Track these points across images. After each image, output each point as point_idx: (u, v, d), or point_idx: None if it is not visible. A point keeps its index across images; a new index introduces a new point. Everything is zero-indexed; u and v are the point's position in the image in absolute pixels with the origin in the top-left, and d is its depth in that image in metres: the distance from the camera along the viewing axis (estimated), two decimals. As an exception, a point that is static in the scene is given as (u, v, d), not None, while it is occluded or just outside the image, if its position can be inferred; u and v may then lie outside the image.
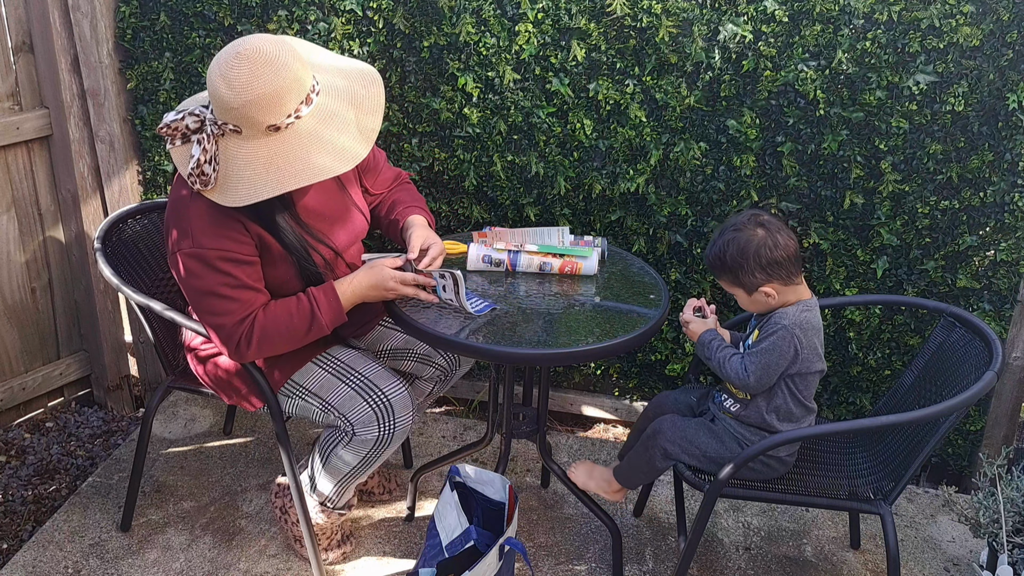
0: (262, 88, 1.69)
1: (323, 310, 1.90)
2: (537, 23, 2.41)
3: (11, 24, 2.50)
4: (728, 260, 1.89)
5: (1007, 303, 2.45)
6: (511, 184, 2.60)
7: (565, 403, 2.92)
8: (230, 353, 1.90)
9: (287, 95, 1.73)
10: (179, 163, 1.82)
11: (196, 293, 1.85)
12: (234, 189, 1.76)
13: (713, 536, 2.46)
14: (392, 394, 2.00)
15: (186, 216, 1.83)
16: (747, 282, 1.89)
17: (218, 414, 2.90)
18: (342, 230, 2.06)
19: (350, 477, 2.07)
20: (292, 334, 1.90)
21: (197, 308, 1.88)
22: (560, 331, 1.92)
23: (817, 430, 1.90)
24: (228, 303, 1.84)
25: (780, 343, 1.87)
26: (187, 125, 1.79)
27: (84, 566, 2.26)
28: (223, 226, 1.82)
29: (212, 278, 1.82)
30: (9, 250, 2.66)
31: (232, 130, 1.75)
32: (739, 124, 2.41)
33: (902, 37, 2.25)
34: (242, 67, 1.69)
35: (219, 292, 1.83)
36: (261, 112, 1.72)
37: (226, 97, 1.71)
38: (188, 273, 1.83)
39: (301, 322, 1.89)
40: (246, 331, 1.86)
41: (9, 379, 2.76)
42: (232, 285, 1.84)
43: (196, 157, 1.75)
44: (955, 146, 2.32)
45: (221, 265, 1.82)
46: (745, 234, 1.88)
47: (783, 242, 1.87)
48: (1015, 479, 2.17)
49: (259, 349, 1.89)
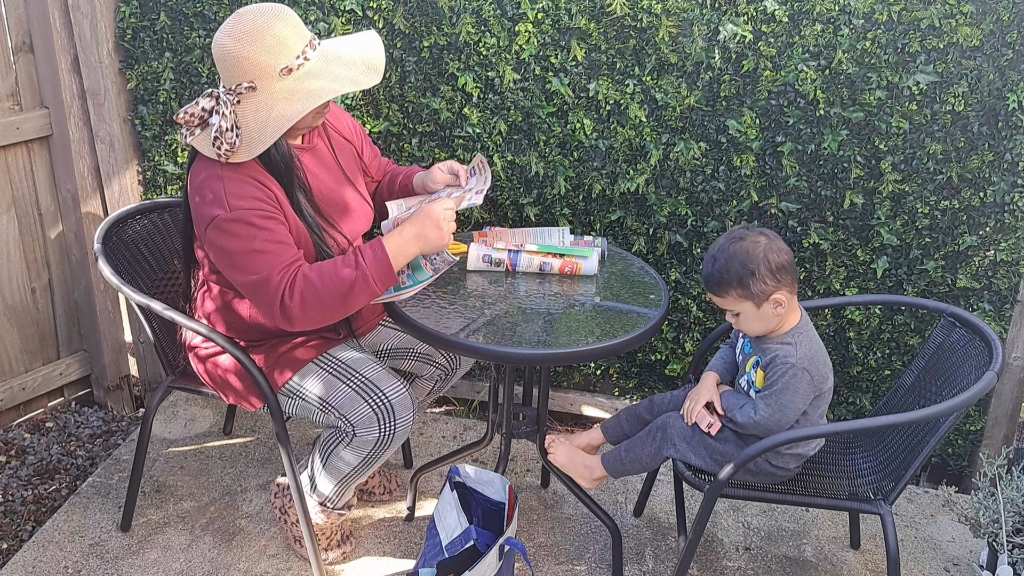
0: (265, 31, 1.78)
1: (368, 260, 1.84)
2: (537, 23, 2.41)
3: (11, 24, 2.50)
4: (737, 268, 1.84)
5: (1007, 303, 2.45)
6: (511, 184, 2.60)
7: (565, 403, 2.92)
8: (276, 316, 1.85)
9: (292, 38, 1.81)
10: (204, 147, 1.85)
11: (238, 256, 1.83)
12: (260, 135, 1.81)
13: (713, 536, 2.46)
14: (393, 395, 2.00)
15: (213, 189, 1.84)
16: (758, 291, 1.84)
17: (218, 414, 2.90)
18: (351, 220, 2.08)
19: (350, 477, 2.07)
20: (337, 288, 1.82)
21: (237, 272, 1.85)
22: (560, 331, 1.92)
23: (817, 430, 1.89)
24: (269, 257, 1.83)
25: (794, 382, 1.86)
26: (202, 107, 1.84)
27: (84, 566, 2.26)
28: (255, 190, 1.85)
29: (253, 235, 1.83)
30: (9, 250, 2.66)
31: (248, 88, 1.80)
32: (739, 124, 2.41)
33: (902, 37, 2.25)
34: (244, 19, 1.79)
35: (259, 248, 1.83)
36: (272, 55, 1.79)
37: (234, 49, 1.77)
38: (230, 238, 1.83)
39: (347, 274, 1.83)
40: (288, 282, 1.82)
41: (9, 379, 2.76)
42: (271, 240, 1.84)
43: (217, 124, 1.80)
44: (955, 146, 2.32)
45: (259, 221, 1.83)
46: (747, 242, 1.85)
47: (784, 247, 1.87)
48: (1015, 479, 2.17)
49: (303, 306, 1.82)
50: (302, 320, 1.85)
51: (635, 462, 2.07)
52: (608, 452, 2.13)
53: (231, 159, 1.82)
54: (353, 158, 2.17)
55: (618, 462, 2.10)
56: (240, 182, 1.85)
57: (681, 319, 2.69)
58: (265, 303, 1.85)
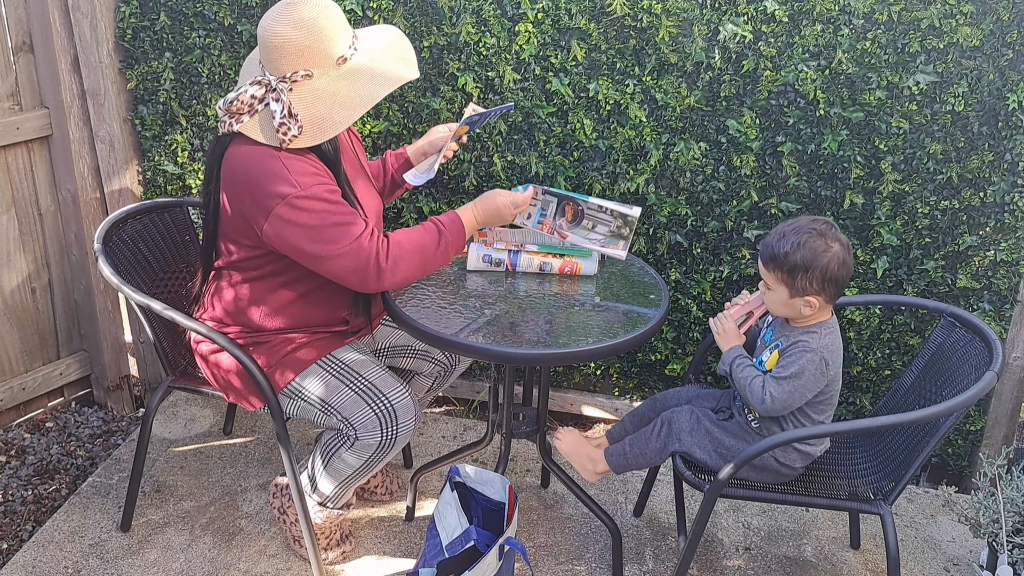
0: (324, 21, 1.83)
1: (449, 228, 1.97)
2: (537, 23, 2.41)
3: (11, 24, 2.50)
4: (796, 258, 1.84)
5: (1007, 303, 2.45)
6: (511, 184, 2.60)
7: (565, 403, 2.92)
8: (370, 279, 1.89)
9: (343, 26, 1.88)
10: (257, 133, 1.87)
11: (321, 230, 1.85)
12: (329, 121, 1.85)
13: (713, 536, 2.46)
14: (396, 399, 2.00)
15: (274, 169, 1.85)
16: (799, 285, 1.86)
17: (218, 414, 2.90)
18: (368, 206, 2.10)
19: (351, 479, 2.07)
20: (422, 250, 1.94)
21: (325, 243, 1.86)
22: (560, 331, 1.92)
23: (817, 430, 1.89)
24: (350, 227, 1.87)
25: (809, 367, 1.86)
26: (252, 95, 1.86)
27: (84, 566, 2.26)
28: (311, 169, 1.88)
29: (329, 209, 1.85)
30: (9, 250, 2.66)
31: (304, 76, 1.84)
32: (739, 124, 2.41)
33: (902, 37, 2.25)
34: (302, 9, 1.82)
35: (338, 220, 1.86)
36: (331, 43, 1.84)
37: (296, 38, 1.81)
38: (306, 214, 1.84)
39: (430, 240, 1.95)
40: (378, 249, 1.88)
41: (9, 379, 2.76)
42: (348, 212, 1.89)
43: (280, 111, 1.83)
44: (955, 146, 2.32)
45: (331, 197, 1.87)
46: (823, 242, 1.85)
47: (850, 264, 1.87)
48: (1015, 479, 2.17)
49: (395, 267, 1.89)
50: (391, 282, 1.92)
51: (639, 457, 2.06)
52: (612, 447, 2.12)
53: (294, 144, 1.85)
54: (362, 152, 2.22)
55: (622, 456, 2.09)
56: (300, 161, 1.87)
57: (681, 319, 2.69)
58: (355, 270, 1.88)
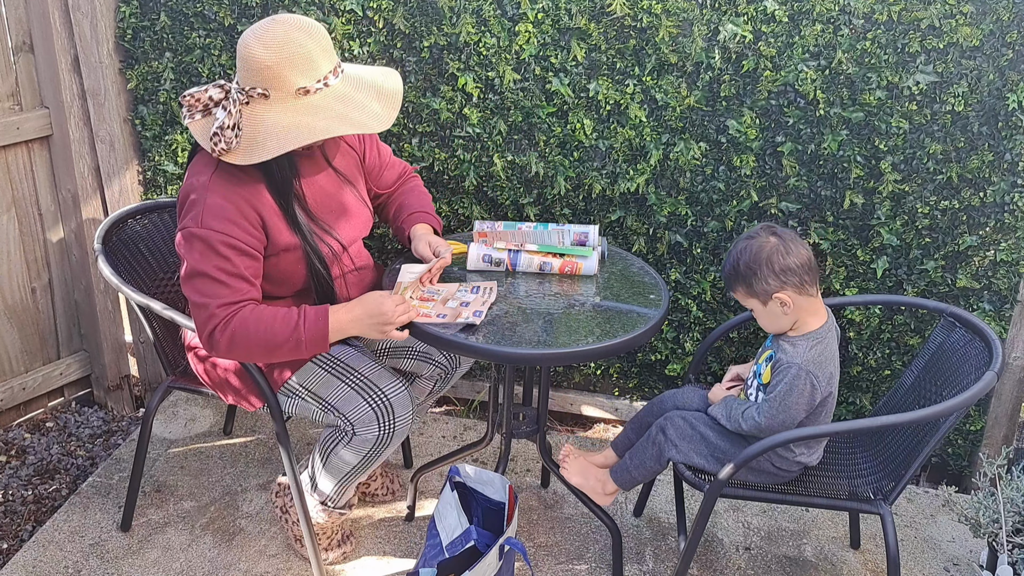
0: (296, 47, 1.76)
1: (307, 325, 1.85)
2: (537, 23, 2.41)
3: (11, 24, 2.50)
4: (742, 267, 1.90)
5: (1007, 303, 2.45)
6: (511, 184, 2.60)
7: (565, 403, 2.92)
8: (202, 340, 1.86)
9: (319, 59, 1.79)
10: (199, 135, 1.84)
11: (191, 271, 1.84)
12: (261, 146, 1.78)
13: (713, 536, 2.46)
14: (392, 393, 2.00)
15: (201, 198, 1.83)
16: (760, 289, 1.89)
17: (218, 414, 2.90)
18: (347, 224, 2.07)
19: (351, 476, 2.07)
20: (268, 339, 1.84)
21: (188, 286, 1.86)
22: (560, 331, 1.92)
23: (817, 430, 1.89)
24: (218, 287, 1.83)
25: (796, 383, 1.86)
26: (210, 96, 1.83)
27: (84, 566, 2.26)
28: (235, 214, 1.84)
29: (210, 260, 1.82)
30: (9, 250, 2.66)
31: (260, 94, 1.78)
32: (739, 124, 2.41)
33: (902, 37, 2.25)
34: (277, 28, 1.77)
35: (212, 275, 1.82)
36: (294, 71, 1.76)
37: (260, 56, 1.75)
38: (188, 250, 1.83)
39: (282, 329, 1.84)
40: (224, 320, 1.82)
41: (9, 379, 2.76)
42: (228, 272, 1.83)
43: (221, 120, 1.78)
44: (955, 146, 2.32)
45: (222, 249, 1.82)
46: (758, 241, 1.89)
47: (795, 249, 1.88)
48: (1015, 479, 2.17)
49: (230, 344, 1.84)
50: (225, 355, 1.89)
51: (640, 468, 2.08)
52: (616, 466, 2.14)
53: (224, 158, 1.80)
54: (354, 164, 2.15)
55: (625, 472, 2.11)
56: (224, 199, 1.83)
57: (681, 319, 2.69)
58: (198, 325, 1.86)
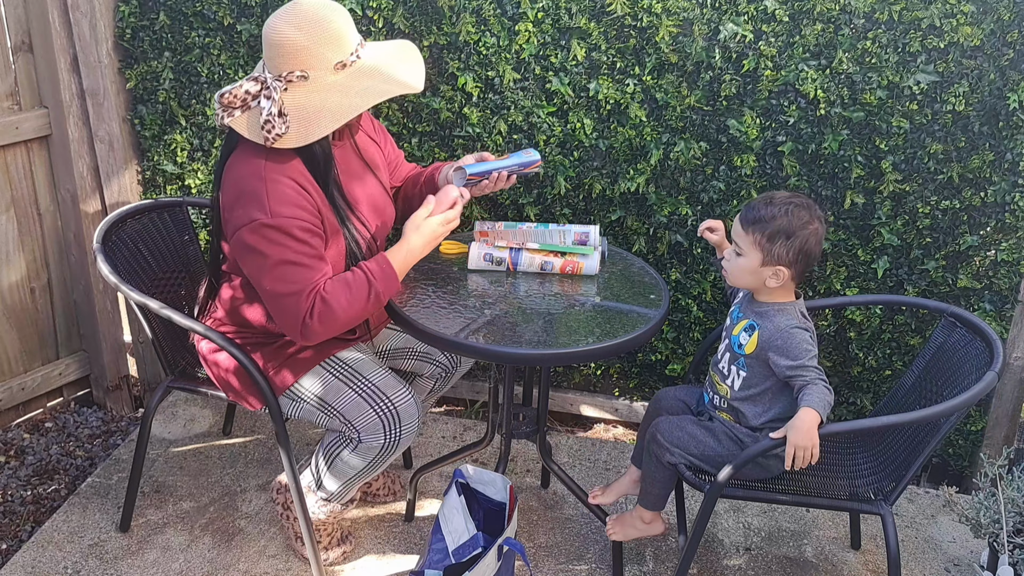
0: (327, 24, 1.80)
1: (378, 278, 1.90)
2: (537, 23, 2.40)
3: (10, 24, 2.49)
4: (782, 223, 1.85)
5: (1008, 303, 2.45)
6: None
7: (565, 403, 2.92)
8: (293, 330, 1.87)
9: (349, 32, 1.84)
10: (245, 130, 1.84)
11: (272, 264, 1.82)
12: (315, 124, 1.81)
13: (713, 536, 2.46)
14: (399, 401, 2.00)
15: (260, 190, 1.83)
16: (776, 252, 1.86)
17: (218, 414, 2.90)
18: (376, 215, 2.08)
19: (356, 478, 2.07)
20: (353, 307, 1.87)
21: (269, 277, 1.84)
22: (560, 331, 1.92)
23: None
24: (304, 272, 1.84)
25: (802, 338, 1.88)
26: (246, 91, 1.83)
27: (83, 566, 2.25)
28: (298, 198, 1.85)
29: (293, 247, 1.82)
30: (8, 250, 2.66)
31: (299, 76, 1.81)
32: (739, 124, 2.40)
33: (903, 37, 2.25)
34: (304, 10, 1.80)
35: (298, 261, 1.83)
36: (330, 48, 1.81)
37: (295, 38, 1.78)
38: (268, 244, 1.82)
39: (360, 293, 1.88)
40: (311, 305, 1.84)
41: (8, 379, 2.75)
42: (310, 255, 1.85)
43: (267, 109, 1.79)
44: (956, 146, 2.32)
45: (299, 234, 1.83)
46: (808, 215, 1.87)
47: (821, 247, 1.91)
48: (1016, 479, 2.17)
49: (323, 325, 1.86)
50: (320, 337, 1.89)
51: (656, 484, 2.06)
52: (641, 498, 2.12)
53: (278, 144, 1.81)
54: (378, 155, 2.17)
55: (648, 496, 2.09)
56: (283, 186, 1.84)
57: (681, 319, 2.68)
58: (288, 316, 1.86)
